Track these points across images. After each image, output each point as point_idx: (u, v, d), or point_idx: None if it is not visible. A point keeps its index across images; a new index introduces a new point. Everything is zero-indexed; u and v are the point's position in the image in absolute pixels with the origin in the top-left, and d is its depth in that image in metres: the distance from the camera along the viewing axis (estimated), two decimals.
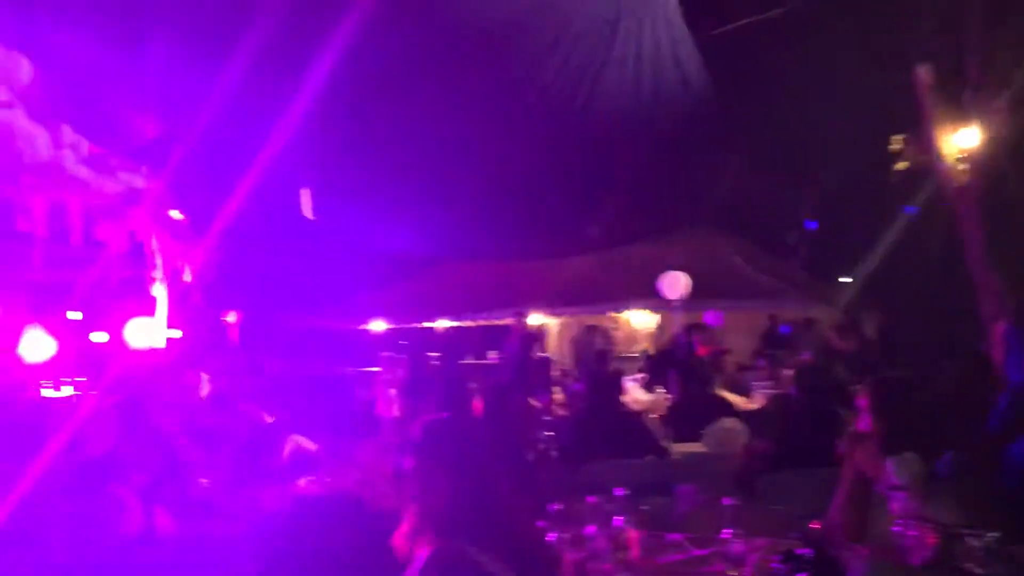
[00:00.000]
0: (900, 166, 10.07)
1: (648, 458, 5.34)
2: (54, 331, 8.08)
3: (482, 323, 17.39)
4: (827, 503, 3.36)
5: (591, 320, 16.90)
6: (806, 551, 2.86)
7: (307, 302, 16.53)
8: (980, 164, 8.99)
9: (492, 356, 15.33)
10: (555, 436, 5.23)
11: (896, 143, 9.88)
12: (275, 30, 6.33)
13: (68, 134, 6.95)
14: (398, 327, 18.21)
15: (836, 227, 15.75)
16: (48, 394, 8.00)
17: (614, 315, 16.82)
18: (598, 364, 10.30)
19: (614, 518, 3.27)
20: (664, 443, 5.87)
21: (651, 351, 14.36)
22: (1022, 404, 3.76)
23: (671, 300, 13.04)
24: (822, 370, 6.67)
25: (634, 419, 6.18)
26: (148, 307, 9.47)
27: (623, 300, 16.07)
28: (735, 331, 14.05)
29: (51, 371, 8.33)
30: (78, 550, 3.76)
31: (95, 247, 8.64)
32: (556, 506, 3.32)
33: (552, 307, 16.19)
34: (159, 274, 9.73)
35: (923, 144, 9.49)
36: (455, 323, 17.92)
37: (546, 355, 13.80)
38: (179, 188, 9.30)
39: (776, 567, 2.88)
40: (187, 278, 10.36)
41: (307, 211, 9.63)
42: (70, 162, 6.96)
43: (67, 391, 8.57)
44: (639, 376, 10.07)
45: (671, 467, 5.27)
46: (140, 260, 9.64)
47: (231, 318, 15.33)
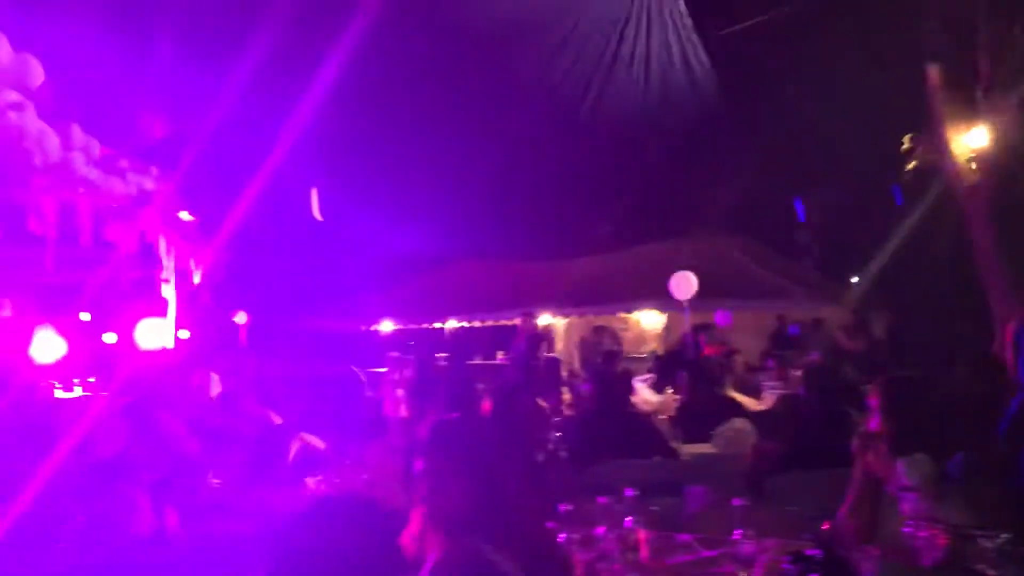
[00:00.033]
0: (910, 166, 10.02)
1: (656, 459, 5.33)
2: (64, 332, 8.11)
3: (490, 323, 17.40)
4: (837, 504, 3.35)
5: (599, 321, 16.89)
6: (816, 552, 2.85)
7: (316, 303, 16.57)
8: (990, 164, 8.96)
9: (500, 356, 15.31)
10: (564, 436, 5.22)
11: (906, 143, 9.85)
12: (284, 33, 6.36)
13: (79, 135, 6.97)
14: (406, 327, 18.23)
15: (845, 227, 15.71)
16: (59, 395, 8.03)
17: (623, 315, 16.80)
18: (607, 365, 10.28)
19: (624, 519, 3.27)
20: (673, 444, 5.86)
21: (660, 351, 14.35)
22: None
23: (680, 300, 13.01)
24: (831, 370, 6.64)
25: (643, 420, 6.17)
26: (158, 308, 9.50)
27: (631, 300, 16.03)
28: (744, 331, 14.03)
29: (62, 372, 8.36)
30: (89, 550, 3.77)
31: (105, 248, 8.66)
32: (566, 507, 3.32)
33: (561, 307, 16.19)
34: (169, 275, 9.76)
35: (932, 144, 9.47)
36: (463, 323, 17.93)
37: (555, 355, 13.78)
38: (188, 189, 9.33)
39: (786, 568, 2.86)
40: (196, 279, 10.39)
41: (316, 212, 9.66)
42: (80, 163, 6.98)
43: (77, 392, 8.61)
44: (648, 377, 10.05)
45: (681, 468, 5.26)
46: (150, 261, 9.67)
47: (240, 318, 15.37)
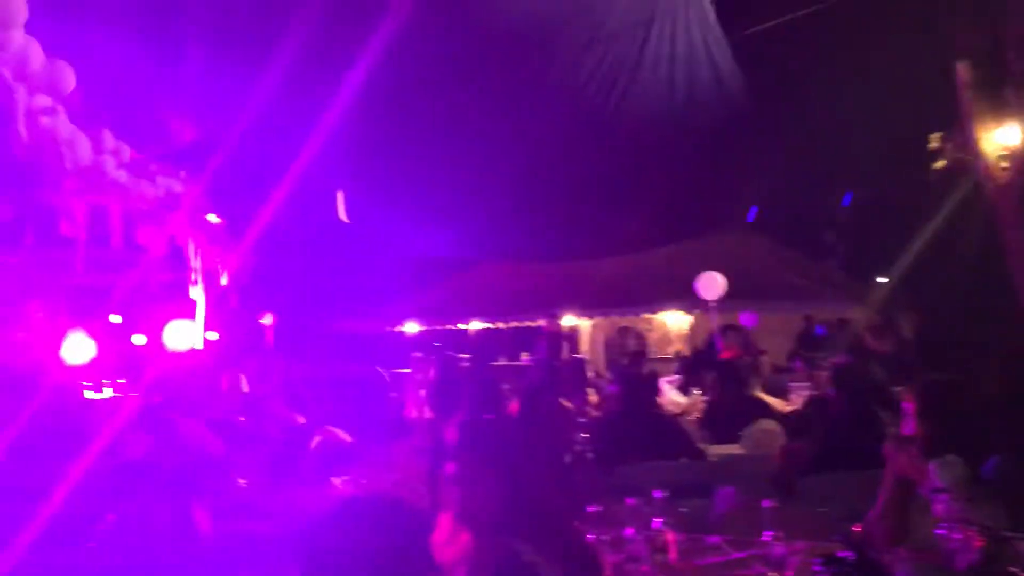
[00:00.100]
0: (938, 165, 9.90)
1: (683, 460, 5.31)
2: (95, 334, 8.20)
3: (514, 325, 17.41)
4: (867, 505, 3.31)
5: (624, 322, 16.85)
6: (848, 554, 2.83)
7: (342, 304, 16.66)
8: (1021, 162, 8.83)
9: (524, 358, 15.33)
10: (591, 438, 5.21)
11: (934, 141, 9.73)
12: (311, 35, 6.40)
13: (109, 139, 7.06)
14: (431, 328, 18.29)
15: (873, 227, 15.57)
16: (89, 396, 8.12)
17: (647, 316, 16.75)
18: (633, 366, 10.25)
19: (652, 520, 3.26)
20: (701, 445, 5.83)
21: (685, 352, 14.30)
22: None
23: (707, 301, 12.95)
24: (859, 371, 6.57)
25: (669, 421, 6.15)
26: (186, 310, 9.59)
27: (657, 301, 15.98)
28: (770, 332, 13.95)
29: (92, 373, 8.45)
30: (119, 550, 3.80)
31: (135, 251, 8.75)
32: (594, 508, 3.31)
33: (586, 309, 16.16)
34: (197, 277, 9.85)
35: (962, 142, 9.35)
36: (488, 325, 17.96)
37: (581, 356, 13.77)
38: (216, 192, 9.42)
39: (817, 570, 2.84)
40: (224, 281, 10.48)
41: (342, 214, 9.71)
42: (111, 167, 7.07)
43: (107, 393, 8.70)
44: (674, 378, 10.01)
45: (708, 469, 5.23)
46: (178, 264, 9.76)
47: (267, 320, 15.48)
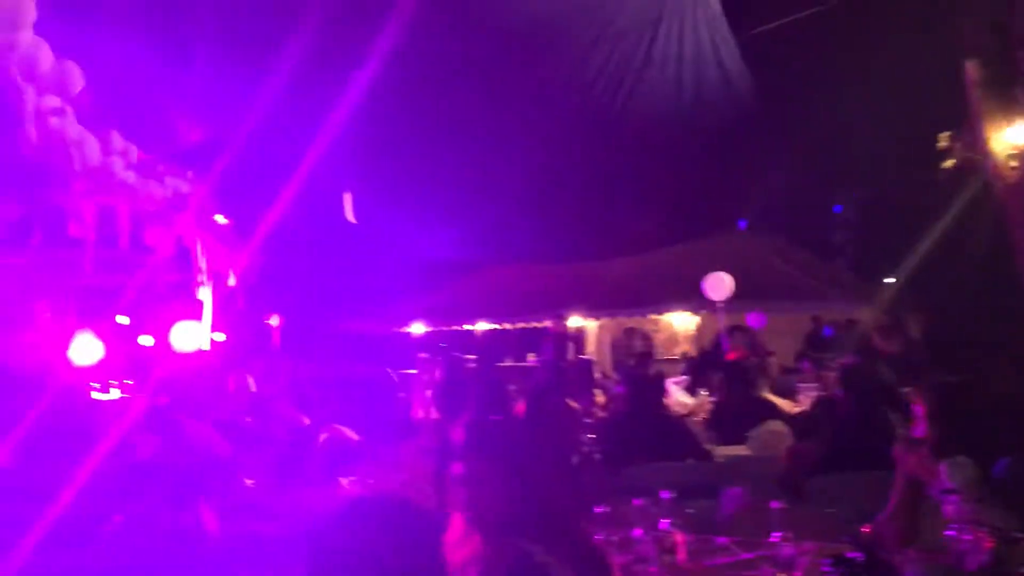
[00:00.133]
0: (947, 164, 9.87)
1: (690, 461, 5.29)
2: (102, 335, 8.22)
3: (521, 325, 17.41)
4: (876, 506, 3.30)
5: (631, 323, 16.83)
6: (857, 555, 2.82)
7: (348, 305, 16.68)
8: None
9: (531, 359, 15.33)
10: (598, 439, 5.20)
11: (943, 140, 9.69)
12: (317, 35, 6.41)
13: (117, 140, 7.09)
14: (437, 329, 18.31)
15: (881, 227, 15.53)
16: (97, 396, 8.13)
17: (654, 317, 16.72)
18: (640, 366, 10.22)
19: (660, 521, 3.25)
20: (708, 446, 5.81)
21: (692, 353, 14.27)
22: None
23: (715, 301, 12.91)
24: (867, 372, 6.54)
25: (676, 422, 6.13)
26: (193, 311, 9.60)
27: (663, 302, 15.96)
28: (778, 333, 13.91)
29: (99, 374, 8.47)
30: (126, 551, 3.81)
31: (143, 252, 8.77)
32: (601, 509, 3.30)
33: (592, 310, 16.15)
34: (204, 278, 9.87)
35: (971, 141, 9.31)
36: (495, 326, 17.96)
37: (587, 357, 13.75)
38: (223, 193, 9.43)
39: (826, 571, 2.83)
40: (231, 282, 10.50)
41: (349, 215, 9.72)
42: (119, 168, 7.09)
43: (115, 393, 8.72)
44: (681, 379, 9.99)
45: (716, 470, 5.21)
46: (186, 264, 9.78)
47: (274, 321, 15.51)
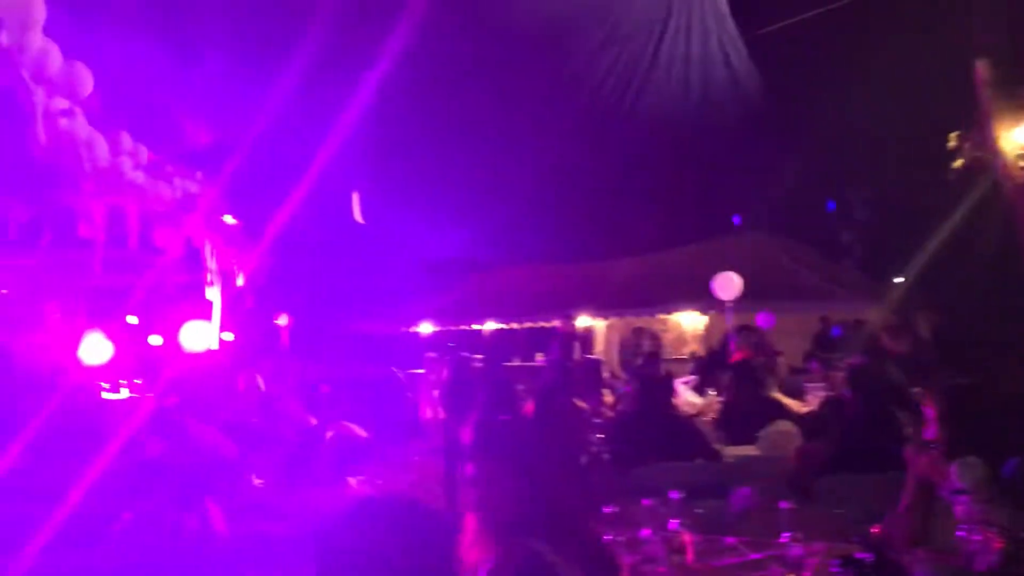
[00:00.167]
0: (956, 164, 9.84)
1: (699, 461, 5.29)
2: (112, 335, 8.24)
3: (528, 325, 17.41)
4: (885, 506, 3.30)
5: (639, 322, 16.81)
6: (866, 555, 2.81)
7: (357, 305, 16.71)
8: None
9: (539, 358, 15.32)
10: (606, 439, 5.20)
11: (952, 140, 9.67)
12: (327, 37, 6.42)
13: (127, 141, 7.12)
14: (445, 329, 18.31)
15: (890, 226, 15.48)
16: (106, 396, 8.16)
17: (663, 317, 16.70)
18: (648, 366, 10.21)
19: (669, 521, 3.25)
20: (716, 446, 5.80)
21: (700, 353, 14.25)
22: None
23: (724, 301, 12.89)
24: (876, 372, 6.52)
25: (685, 422, 6.13)
26: (202, 311, 9.63)
27: (672, 302, 15.94)
28: (787, 333, 13.87)
29: (109, 374, 8.49)
30: (135, 549, 3.82)
31: (152, 252, 8.79)
32: (610, 509, 3.30)
33: (601, 309, 16.14)
34: (213, 278, 9.90)
35: (980, 141, 9.28)
36: (502, 325, 17.96)
37: (596, 357, 13.74)
38: (232, 193, 9.46)
39: (835, 571, 2.82)
40: (240, 282, 10.52)
41: (357, 215, 9.74)
42: (128, 168, 7.12)
43: (124, 393, 8.74)
44: (689, 379, 9.97)
45: (724, 470, 5.21)
46: (195, 265, 9.81)
47: (282, 321, 15.54)
